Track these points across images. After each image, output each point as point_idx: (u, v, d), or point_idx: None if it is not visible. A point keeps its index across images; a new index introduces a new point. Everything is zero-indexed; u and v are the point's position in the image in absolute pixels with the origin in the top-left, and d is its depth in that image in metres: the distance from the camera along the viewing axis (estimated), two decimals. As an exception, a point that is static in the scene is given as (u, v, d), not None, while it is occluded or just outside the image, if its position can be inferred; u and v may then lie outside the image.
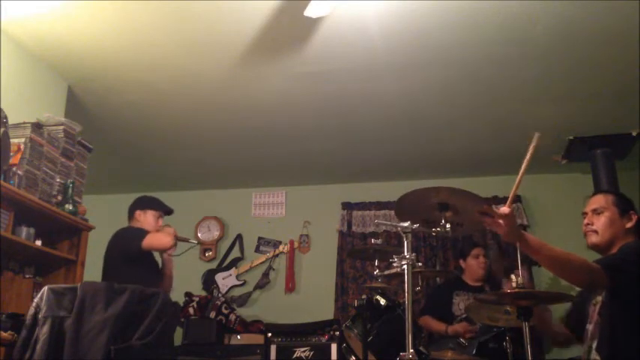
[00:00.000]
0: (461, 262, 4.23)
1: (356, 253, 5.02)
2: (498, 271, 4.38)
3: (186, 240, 3.77)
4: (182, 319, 4.64)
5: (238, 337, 4.63)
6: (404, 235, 2.54)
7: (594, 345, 2.38)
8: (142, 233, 3.41)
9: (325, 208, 5.48)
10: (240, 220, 5.65)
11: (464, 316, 3.68)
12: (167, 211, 3.77)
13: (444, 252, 5.09)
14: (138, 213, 3.64)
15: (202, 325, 4.66)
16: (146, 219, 3.62)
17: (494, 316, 2.58)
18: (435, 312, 4.01)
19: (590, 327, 2.48)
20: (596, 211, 2.57)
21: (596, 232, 2.53)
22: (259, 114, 4.23)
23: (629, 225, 2.49)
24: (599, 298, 2.46)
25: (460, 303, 3.97)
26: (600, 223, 2.53)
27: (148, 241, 3.35)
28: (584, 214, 2.63)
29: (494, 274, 4.32)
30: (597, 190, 2.66)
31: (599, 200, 2.59)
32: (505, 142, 4.65)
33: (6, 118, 2.83)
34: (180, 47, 3.41)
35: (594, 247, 2.57)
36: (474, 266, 4.10)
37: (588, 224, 2.57)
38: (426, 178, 5.34)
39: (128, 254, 3.37)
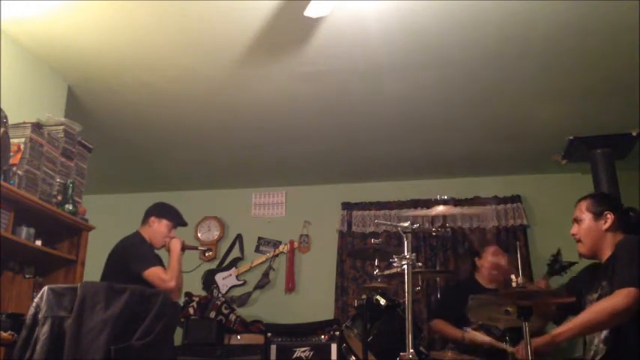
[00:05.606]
0: (476, 259, 4.00)
1: (356, 253, 5.03)
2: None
3: (194, 248, 3.74)
4: (182, 319, 4.64)
5: (238, 337, 4.63)
6: (404, 235, 2.54)
7: (602, 336, 2.39)
8: (148, 260, 3.34)
9: (325, 208, 5.48)
10: (240, 220, 5.65)
11: (480, 323, 3.42)
12: (182, 224, 3.71)
13: (444, 252, 5.08)
14: (153, 219, 3.57)
15: (202, 325, 4.66)
16: (159, 227, 3.56)
17: (494, 316, 2.57)
18: (449, 316, 3.76)
19: None
20: (577, 220, 2.60)
21: (580, 241, 2.58)
22: (259, 114, 4.23)
23: (605, 226, 2.50)
24: (595, 295, 2.47)
25: None
26: (581, 231, 2.57)
27: (151, 276, 3.28)
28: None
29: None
30: (581, 198, 2.70)
31: (578, 208, 2.62)
32: (505, 142, 4.65)
33: (6, 118, 2.83)
34: (180, 47, 3.41)
35: (583, 256, 2.61)
36: (490, 266, 3.88)
37: (573, 234, 2.61)
38: (426, 178, 5.35)
39: (130, 272, 3.29)
